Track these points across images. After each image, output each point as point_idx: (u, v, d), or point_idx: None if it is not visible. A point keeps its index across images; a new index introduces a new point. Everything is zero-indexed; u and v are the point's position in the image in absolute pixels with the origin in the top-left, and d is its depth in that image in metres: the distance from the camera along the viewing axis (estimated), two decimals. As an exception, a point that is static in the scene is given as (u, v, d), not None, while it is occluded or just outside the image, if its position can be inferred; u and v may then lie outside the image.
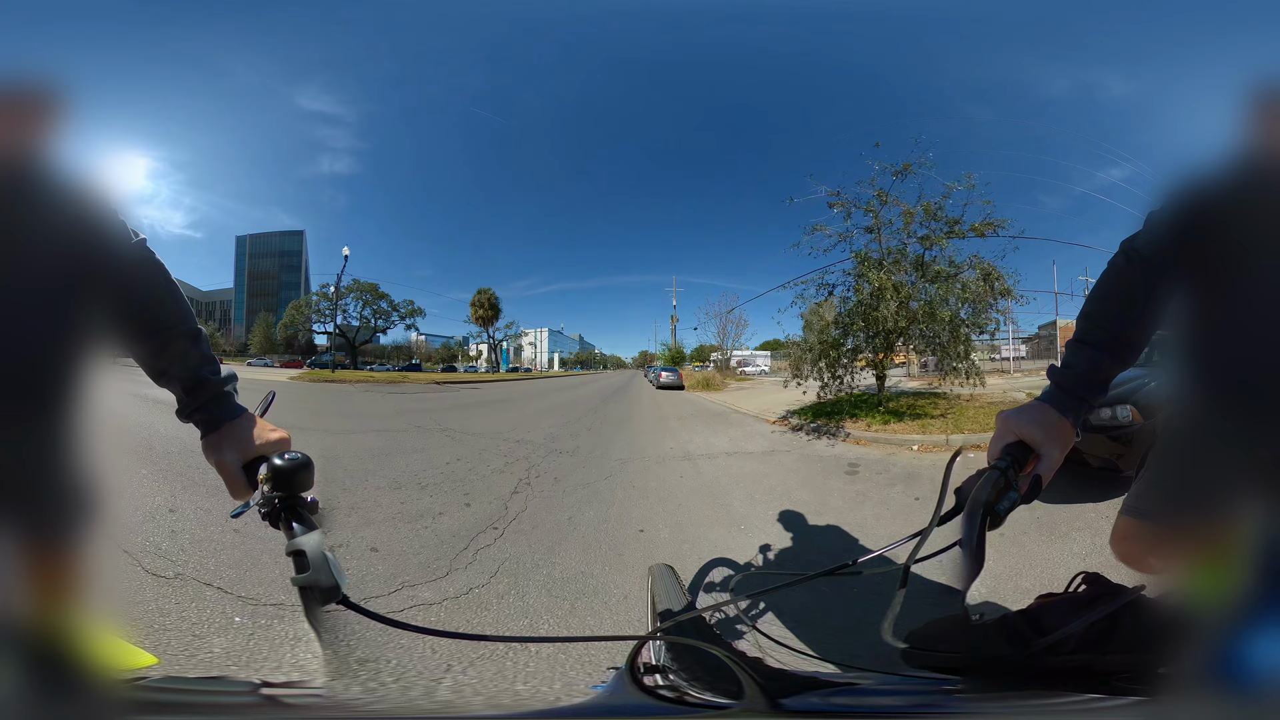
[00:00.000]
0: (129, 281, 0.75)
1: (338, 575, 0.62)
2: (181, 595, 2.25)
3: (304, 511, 0.69)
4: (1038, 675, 0.64)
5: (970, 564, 0.64)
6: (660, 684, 0.69)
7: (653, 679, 0.70)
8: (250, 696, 0.71)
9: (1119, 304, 0.82)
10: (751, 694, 0.62)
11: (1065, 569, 2.54)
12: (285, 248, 47.48)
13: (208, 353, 0.79)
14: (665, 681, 0.71)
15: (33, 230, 0.68)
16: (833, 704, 0.66)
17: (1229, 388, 0.76)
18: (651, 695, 0.65)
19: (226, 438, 0.76)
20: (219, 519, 2.97)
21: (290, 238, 47.41)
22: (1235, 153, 0.75)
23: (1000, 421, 0.79)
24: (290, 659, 1.83)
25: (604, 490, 4.46)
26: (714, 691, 0.66)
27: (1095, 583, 0.76)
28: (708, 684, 0.68)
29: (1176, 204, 0.79)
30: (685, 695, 0.68)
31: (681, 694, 0.68)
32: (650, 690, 0.66)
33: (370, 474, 4.71)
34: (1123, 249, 0.83)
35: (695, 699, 0.66)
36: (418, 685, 0.76)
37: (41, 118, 0.71)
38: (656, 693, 0.66)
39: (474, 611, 2.33)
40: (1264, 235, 0.70)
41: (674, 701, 0.66)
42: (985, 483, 0.68)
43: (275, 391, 0.97)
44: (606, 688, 0.71)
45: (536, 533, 3.33)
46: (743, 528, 3.53)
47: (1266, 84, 0.74)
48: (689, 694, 0.68)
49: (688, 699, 0.67)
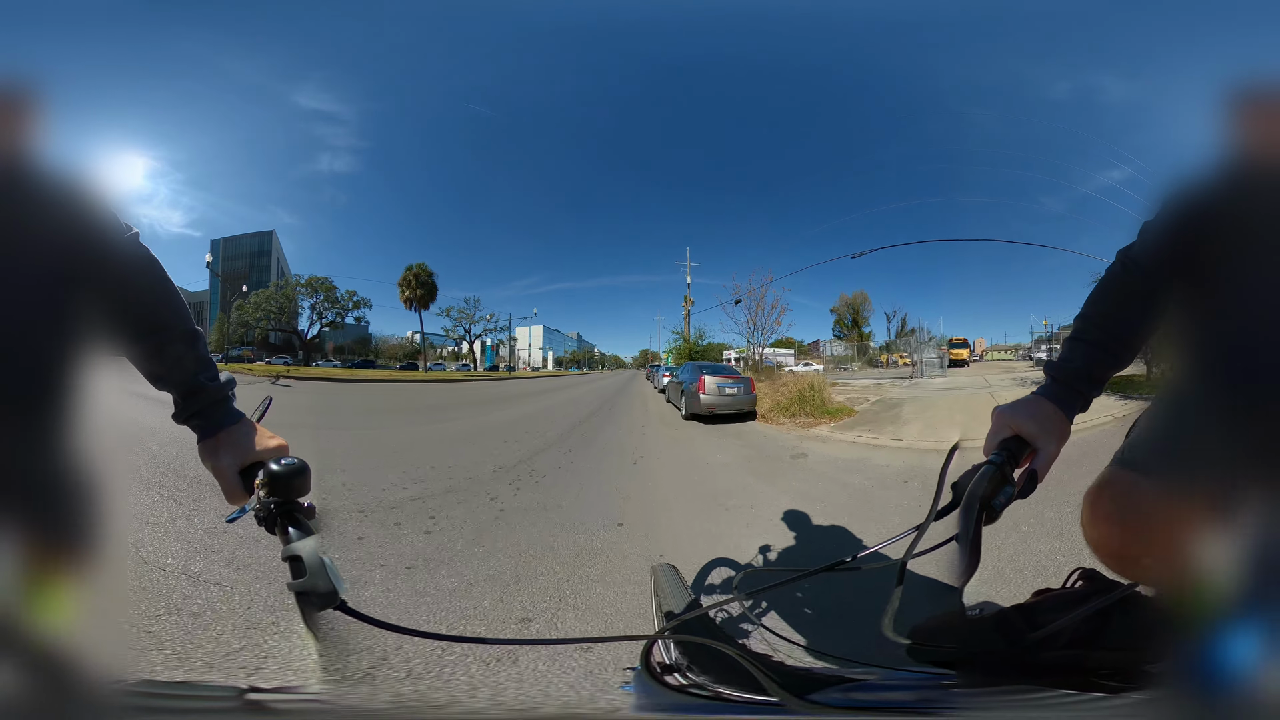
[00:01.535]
0: (122, 277, 0.75)
1: (335, 580, 0.62)
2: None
3: (300, 516, 0.69)
4: (1032, 670, 0.65)
5: (967, 559, 0.65)
6: (684, 682, 0.70)
7: (674, 678, 0.71)
8: (239, 701, 0.71)
9: (1115, 308, 0.84)
10: (773, 690, 0.63)
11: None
12: (255, 249, 48.60)
13: (205, 355, 0.78)
14: (687, 680, 0.71)
15: (25, 227, 0.67)
16: (853, 699, 0.68)
17: (1226, 388, 0.77)
18: (683, 694, 0.66)
19: (224, 443, 0.76)
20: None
21: (259, 238, 48.47)
22: (1227, 156, 0.76)
23: (996, 416, 0.80)
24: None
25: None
26: (730, 688, 0.67)
27: (1091, 579, 0.77)
28: (723, 681, 0.69)
29: (1170, 212, 0.80)
30: (721, 693, 0.68)
31: (717, 692, 0.68)
32: (680, 689, 0.67)
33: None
34: (1119, 257, 0.85)
35: (732, 697, 0.67)
36: (414, 689, 0.76)
37: (31, 116, 0.71)
38: (688, 691, 0.66)
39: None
40: (1258, 238, 0.71)
41: (711, 699, 0.67)
42: (981, 477, 0.70)
43: (271, 397, 0.97)
44: (632, 688, 0.72)
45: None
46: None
47: (1256, 84, 0.75)
48: (724, 693, 0.68)
49: (724, 696, 0.67)
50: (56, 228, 0.69)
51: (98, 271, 0.73)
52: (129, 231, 0.75)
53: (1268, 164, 0.73)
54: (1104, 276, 0.86)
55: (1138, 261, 0.82)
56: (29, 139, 0.70)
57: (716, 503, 4.39)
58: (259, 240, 54.39)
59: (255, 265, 51.07)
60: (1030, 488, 0.74)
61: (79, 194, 0.72)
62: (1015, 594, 0.78)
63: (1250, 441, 0.72)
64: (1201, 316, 0.79)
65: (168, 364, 0.76)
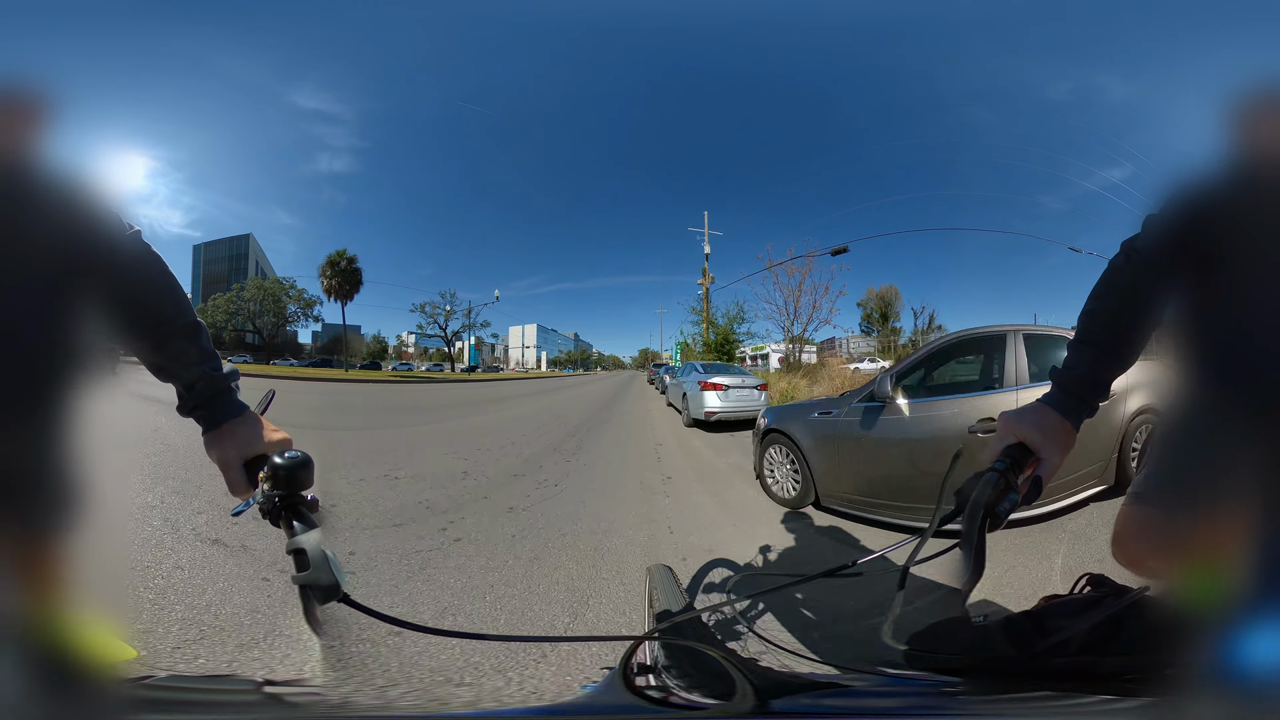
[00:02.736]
0: (125, 274, 0.76)
1: (338, 573, 0.63)
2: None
3: (304, 510, 0.70)
4: (1041, 676, 0.65)
5: (971, 566, 0.65)
6: (649, 685, 0.70)
7: (644, 679, 0.71)
8: (252, 695, 0.72)
9: (1119, 301, 0.85)
10: (741, 695, 0.63)
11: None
12: (233, 252, 49.88)
13: (208, 347, 0.79)
14: (656, 682, 0.72)
15: (26, 226, 0.69)
16: (824, 705, 0.67)
17: (1228, 384, 0.78)
18: (639, 695, 0.66)
19: (228, 435, 0.77)
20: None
21: (237, 242, 49.87)
22: (1230, 156, 0.77)
23: (1001, 423, 0.80)
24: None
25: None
26: (704, 692, 0.67)
27: (1100, 584, 0.77)
28: (701, 685, 0.69)
29: (1174, 207, 0.81)
30: (670, 696, 0.69)
31: (667, 694, 0.69)
32: (638, 691, 0.67)
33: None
34: (1123, 249, 0.85)
35: (680, 699, 0.67)
36: (414, 682, 0.77)
37: (33, 117, 0.72)
38: (644, 693, 0.67)
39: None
40: (1260, 236, 0.72)
41: (659, 702, 0.67)
42: (985, 484, 0.69)
43: (275, 390, 0.97)
44: (595, 688, 0.72)
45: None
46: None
47: (1258, 87, 0.76)
48: (674, 694, 0.69)
49: (672, 699, 0.68)
50: (58, 227, 0.71)
51: (100, 269, 0.74)
52: (130, 229, 0.77)
53: (1271, 165, 0.74)
54: (1107, 268, 0.86)
55: (1141, 253, 0.83)
56: (31, 139, 0.72)
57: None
58: (236, 244, 56.02)
59: (234, 268, 52.29)
60: (1034, 494, 0.74)
61: (80, 194, 0.73)
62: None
63: (1254, 446, 0.72)
64: (1203, 315, 0.80)
65: (170, 356, 0.77)
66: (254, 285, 40.22)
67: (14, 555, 0.69)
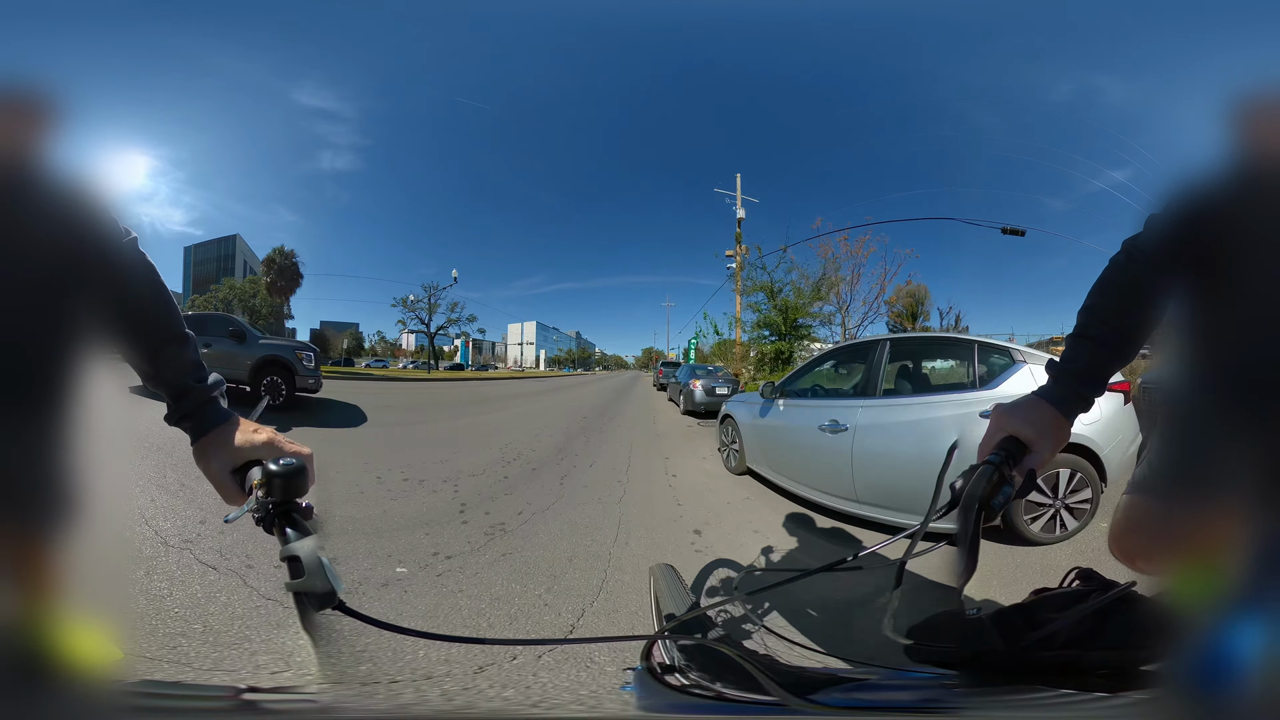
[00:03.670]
0: (120, 282, 0.76)
1: (333, 580, 0.62)
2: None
3: (298, 517, 0.69)
4: (1030, 669, 0.66)
5: (966, 559, 0.66)
6: (686, 683, 0.70)
7: (674, 678, 0.71)
8: (233, 702, 0.71)
9: (1119, 298, 0.85)
10: (773, 690, 0.63)
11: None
12: (222, 253, 50.35)
13: (195, 358, 0.80)
14: (688, 681, 0.72)
15: (24, 230, 0.69)
16: (854, 699, 0.68)
17: (1228, 382, 0.78)
18: (684, 694, 0.66)
19: (212, 444, 0.77)
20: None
21: (224, 243, 50.27)
22: (1231, 157, 0.77)
23: (995, 416, 0.81)
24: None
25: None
26: (738, 689, 0.67)
27: (1089, 578, 0.78)
28: (722, 682, 0.70)
29: (1175, 207, 0.81)
30: (724, 694, 0.68)
31: (718, 692, 0.69)
32: (681, 689, 0.67)
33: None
34: (1124, 247, 0.86)
35: (733, 697, 0.67)
36: (411, 690, 0.77)
37: (33, 119, 0.72)
38: (689, 691, 0.67)
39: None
40: (1261, 236, 0.73)
41: (713, 699, 0.67)
42: (980, 478, 0.70)
43: (267, 398, 0.98)
44: (633, 689, 0.72)
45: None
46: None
47: (1260, 88, 0.76)
48: (726, 693, 0.68)
49: (725, 696, 0.68)
50: (58, 231, 0.71)
51: (98, 275, 0.75)
52: (128, 236, 0.77)
53: (1273, 165, 0.74)
54: (1108, 266, 0.87)
55: (1143, 250, 0.83)
56: (32, 140, 0.72)
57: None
58: (224, 245, 56.34)
59: (222, 269, 52.58)
60: (1029, 487, 0.75)
61: (80, 197, 0.73)
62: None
63: (1253, 444, 0.73)
64: (1204, 313, 0.80)
65: (161, 366, 0.78)
66: (227, 285, 41.05)
67: (10, 555, 0.69)
